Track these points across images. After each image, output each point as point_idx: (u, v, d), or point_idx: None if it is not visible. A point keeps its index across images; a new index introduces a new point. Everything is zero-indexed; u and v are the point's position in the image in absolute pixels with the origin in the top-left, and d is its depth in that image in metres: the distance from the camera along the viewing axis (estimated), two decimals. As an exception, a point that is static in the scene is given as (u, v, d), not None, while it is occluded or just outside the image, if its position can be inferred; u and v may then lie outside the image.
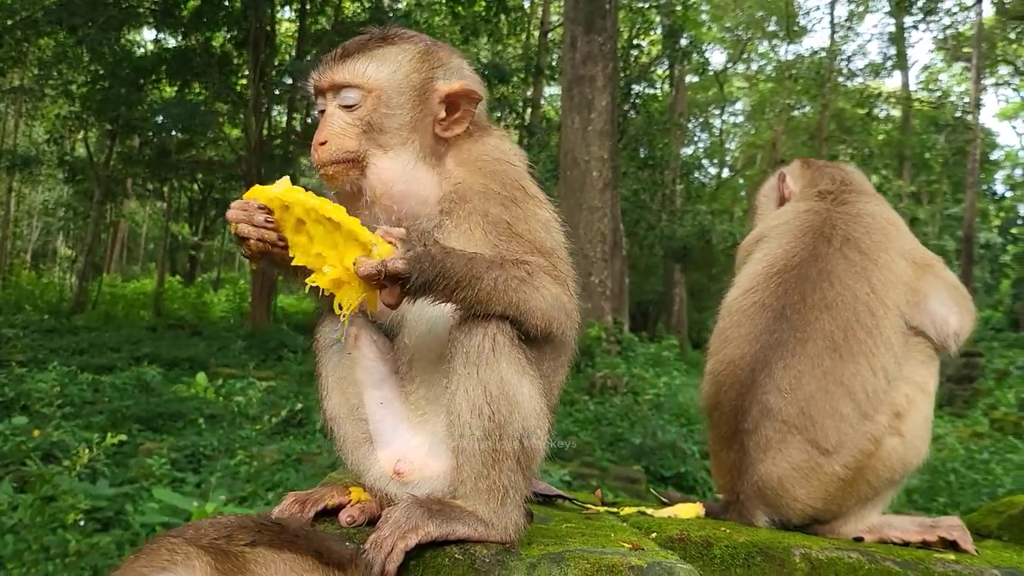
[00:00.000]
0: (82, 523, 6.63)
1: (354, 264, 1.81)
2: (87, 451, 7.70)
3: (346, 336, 2.25)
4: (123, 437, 8.27)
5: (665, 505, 2.96)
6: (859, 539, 2.63)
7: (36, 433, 8.80)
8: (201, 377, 12.88)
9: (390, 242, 1.85)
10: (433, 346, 2.14)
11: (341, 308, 1.87)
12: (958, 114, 37.65)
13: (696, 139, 44.39)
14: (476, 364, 1.96)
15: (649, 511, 2.80)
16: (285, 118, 28.79)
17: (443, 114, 2.21)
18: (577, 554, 1.92)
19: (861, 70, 39.22)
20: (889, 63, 39.26)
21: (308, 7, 25.82)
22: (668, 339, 23.33)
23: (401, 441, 2.21)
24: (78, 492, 6.86)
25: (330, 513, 2.19)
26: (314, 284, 1.89)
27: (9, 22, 21.93)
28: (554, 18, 33.76)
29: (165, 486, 7.80)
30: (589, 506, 2.83)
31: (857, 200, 2.97)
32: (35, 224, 42.67)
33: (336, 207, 1.91)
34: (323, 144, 2.13)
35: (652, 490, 3.41)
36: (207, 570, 1.36)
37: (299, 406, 11.40)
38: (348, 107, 2.16)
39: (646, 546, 2.10)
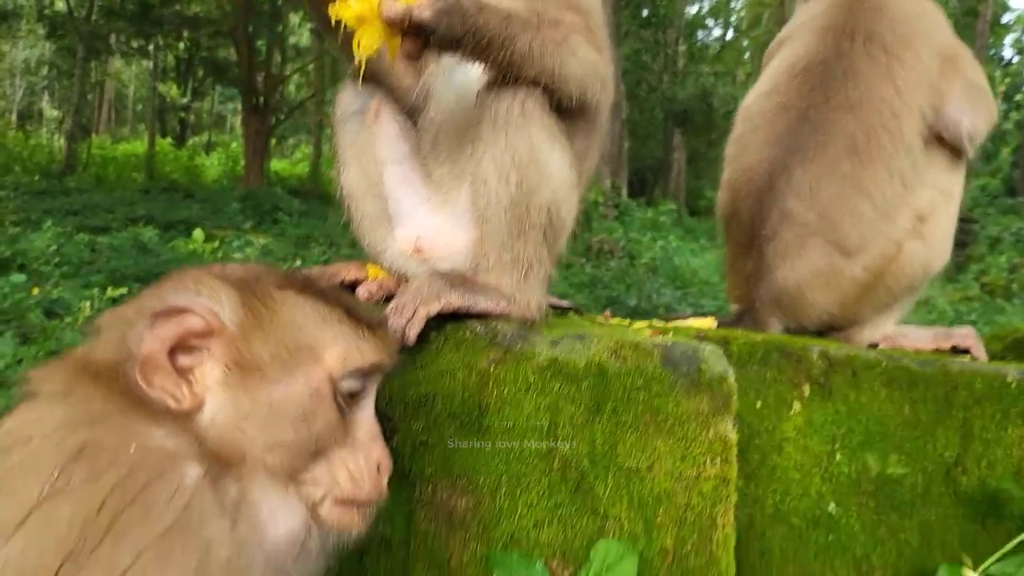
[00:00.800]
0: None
1: (380, 3, 1.67)
2: (90, 305, 7.73)
3: (367, 108, 2.16)
4: (123, 291, 8.29)
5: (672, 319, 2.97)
6: (874, 346, 2.63)
7: (35, 291, 8.78)
8: (198, 233, 12.83)
9: None
10: (460, 119, 2.05)
11: (359, 48, 1.73)
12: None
13: (700, -2, 42.69)
14: (505, 128, 1.88)
15: (662, 323, 2.80)
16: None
17: None
18: (602, 333, 1.93)
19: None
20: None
21: None
22: (665, 204, 23.27)
23: (421, 219, 2.15)
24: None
25: (347, 289, 2.13)
26: (337, 17, 1.72)
27: None
28: None
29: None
30: (599, 319, 2.82)
31: None
32: (18, 83, 41.36)
33: None
34: None
35: (663, 312, 3.41)
36: (233, 304, 1.28)
37: (299, 263, 11.40)
38: None
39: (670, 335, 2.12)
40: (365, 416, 1.42)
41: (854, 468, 2.20)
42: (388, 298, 1.99)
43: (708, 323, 2.85)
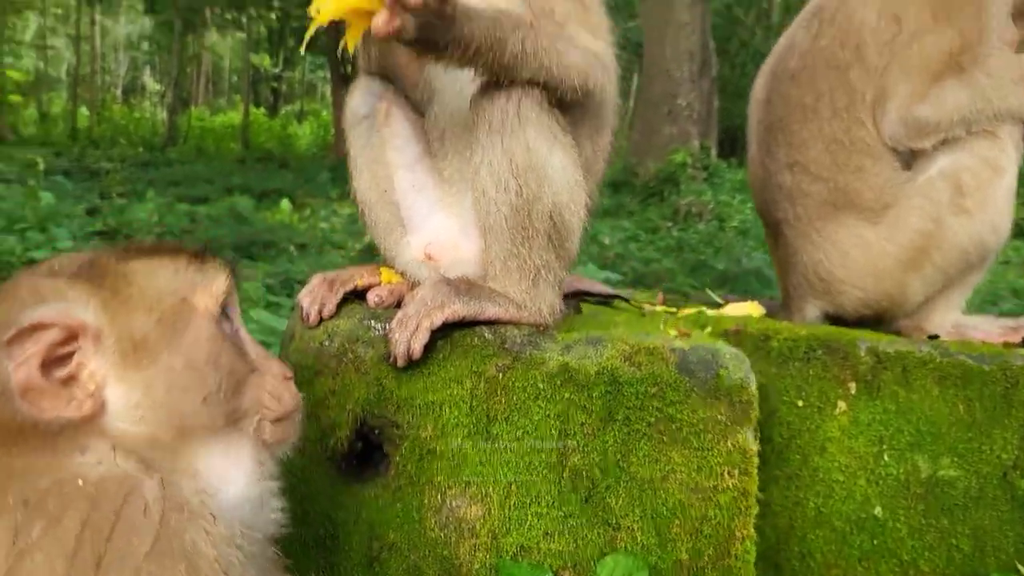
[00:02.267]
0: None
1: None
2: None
3: (376, 111, 2.12)
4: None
5: (722, 305, 2.88)
6: (934, 337, 2.48)
7: (139, 261, 9.25)
8: (285, 204, 13.22)
9: None
10: (465, 115, 1.99)
11: (345, 36, 1.69)
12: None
13: (798, -56, 40.75)
14: (500, 133, 1.82)
15: (710, 312, 2.72)
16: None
17: None
18: (618, 337, 1.89)
19: None
20: None
21: None
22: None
23: (433, 224, 2.12)
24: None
25: (359, 295, 2.14)
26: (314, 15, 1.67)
27: None
28: None
29: (263, 309, 8.18)
30: (647, 306, 2.75)
31: None
32: (122, 59, 43.24)
33: None
34: None
35: (708, 290, 3.31)
36: (85, 297, 1.25)
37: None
38: None
39: (696, 335, 2.05)
40: (245, 338, 1.46)
41: (903, 470, 2.11)
42: (400, 303, 1.99)
43: (755, 309, 2.76)
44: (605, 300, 2.77)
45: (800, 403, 2.13)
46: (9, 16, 33.38)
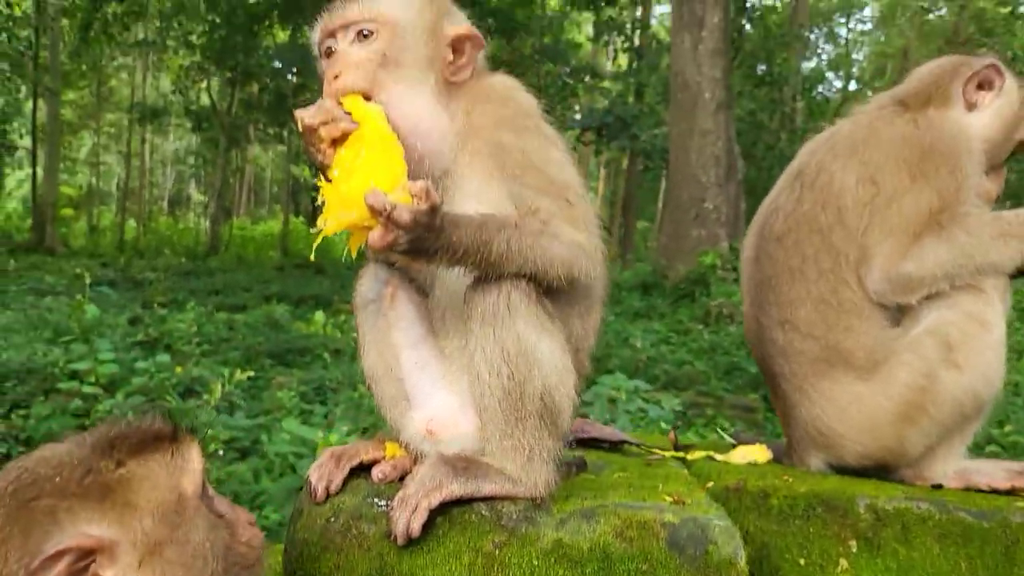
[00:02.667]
0: (221, 453, 7.16)
1: (367, 192, 1.76)
2: (221, 386, 8.24)
3: (382, 296, 2.26)
4: (251, 373, 8.80)
5: (734, 447, 2.91)
6: (938, 486, 2.44)
7: (178, 369, 9.45)
8: (318, 316, 13.44)
9: (413, 193, 1.79)
10: (461, 300, 2.10)
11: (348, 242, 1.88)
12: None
13: (819, 51, 41.87)
14: (492, 325, 1.94)
15: (719, 457, 2.74)
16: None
17: (451, 57, 2.17)
18: (611, 509, 1.92)
19: (1006, -37, 35.62)
20: (1039, -47, 35.47)
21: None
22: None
23: (435, 401, 2.21)
24: (217, 424, 7.38)
25: (365, 469, 2.22)
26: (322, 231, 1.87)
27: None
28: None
29: (295, 418, 8.27)
30: (656, 451, 2.80)
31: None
32: (169, 172, 45.16)
33: (391, 136, 1.95)
34: (338, 77, 2.06)
35: (719, 430, 3.34)
36: (97, 517, 1.37)
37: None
38: (364, 38, 2.09)
39: (692, 499, 2.07)
40: (214, 495, 1.61)
41: (907, 627, 2.07)
42: (403, 477, 2.07)
43: (762, 454, 2.81)
44: (615, 445, 2.85)
45: (802, 561, 2.14)
46: (66, 136, 35.18)
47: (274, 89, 27.56)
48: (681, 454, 2.79)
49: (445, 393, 2.21)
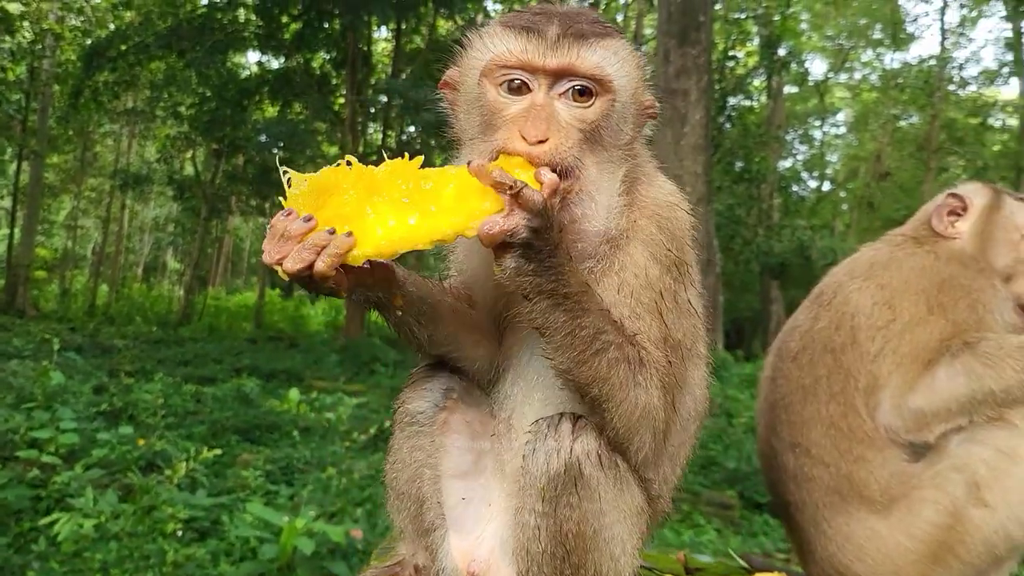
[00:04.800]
0: (179, 533, 6.85)
1: (494, 170, 1.48)
2: (185, 463, 7.96)
3: (435, 420, 1.97)
4: (217, 452, 8.52)
5: (747, 572, 2.79)
6: None
7: (141, 442, 9.16)
8: (293, 393, 13.18)
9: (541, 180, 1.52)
10: (540, 398, 1.86)
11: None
12: (1082, 122, 35.27)
13: (795, 151, 43.09)
14: (552, 502, 1.67)
15: None
16: (380, 135, 29.45)
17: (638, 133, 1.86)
18: None
19: (974, 78, 37.23)
20: (1005, 70, 37.13)
21: (403, 27, 26.35)
22: (764, 358, 22.59)
23: (479, 536, 1.95)
24: (177, 502, 7.09)
25: None
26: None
27: (123, 47, 23.27)
28: (648, 31, 33.40)
29: (260, 498, 7.99)
30: None
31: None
32: (146, 239, 44.90)
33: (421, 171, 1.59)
34: (543, 142, 1.65)
35: (731, 551, 3.20)
36: None
37: (388, 423, 11.51)
38: (580, 97, 1.72)
39: None
40: None
41: None
42: None
43: None
44: None
45: None
46: (46, 199, 35.05)
47: (259, 162, 27.75)
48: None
49: (490, 534, 1.94)
